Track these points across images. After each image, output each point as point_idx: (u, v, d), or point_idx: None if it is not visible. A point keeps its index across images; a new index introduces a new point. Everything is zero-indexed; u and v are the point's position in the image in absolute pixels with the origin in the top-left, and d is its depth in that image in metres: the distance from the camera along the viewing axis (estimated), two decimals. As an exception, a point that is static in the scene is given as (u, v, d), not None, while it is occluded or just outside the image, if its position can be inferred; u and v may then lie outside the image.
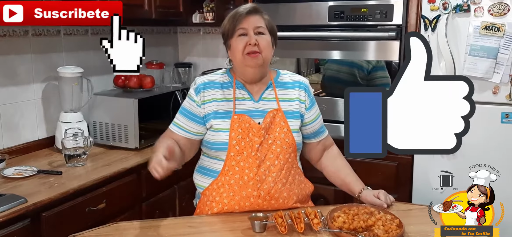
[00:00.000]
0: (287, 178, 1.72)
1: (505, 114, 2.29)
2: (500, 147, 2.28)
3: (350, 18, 2.64)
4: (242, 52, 1.68)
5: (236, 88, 1.76)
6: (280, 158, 1.70)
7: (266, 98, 1.76)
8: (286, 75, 1.85)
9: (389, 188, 2.58)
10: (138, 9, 2.77)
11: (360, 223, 1.51)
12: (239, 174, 1.67)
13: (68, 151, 2.23)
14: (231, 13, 1.73)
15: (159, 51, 3.46)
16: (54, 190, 1.92)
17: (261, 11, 1.73)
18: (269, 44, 1.72)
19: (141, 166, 2.36)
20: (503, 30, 2.22)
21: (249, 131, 1.69)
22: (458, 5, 2.31)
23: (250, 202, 1.67)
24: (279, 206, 1.69)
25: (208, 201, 1.73)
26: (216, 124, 1.71)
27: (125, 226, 1.62)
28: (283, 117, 1.74)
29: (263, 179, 1.67)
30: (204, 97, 1.73)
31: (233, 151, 1.68)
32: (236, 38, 1.70)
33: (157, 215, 2.36)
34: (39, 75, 2.52)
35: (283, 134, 1.72)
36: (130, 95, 2.60)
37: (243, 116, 1.70)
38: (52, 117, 2.58)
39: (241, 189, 1.67)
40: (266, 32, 1.71)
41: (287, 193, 1.71)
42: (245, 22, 1.69)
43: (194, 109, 1.74)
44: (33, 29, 2.46)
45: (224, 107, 1.73)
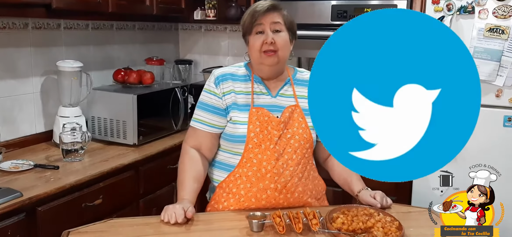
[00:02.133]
0: (303, 173, 1.73)
1: (508, 117, 2.27)
2: (502, 150, 2.26)
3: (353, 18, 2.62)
4: (259, 50, 1.69)
5: (254, 82, 1.77)
6: (298, 153, 1.71)
7: (284, 94, 1.78)
8: (303, 73, 1.86)
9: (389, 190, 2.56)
10: (139, 5, 2.76)
11: (359, 224, 1.49)
12: (257, 166, 1.68)
13: (66, 145, 2.21)
14: (250, 9, 1.73)
15: (160, 47, 3.45)
16: (50, 185, 1.90)
17: (280, 8, 1.73)
18: (287, 42, 1.72)
19: (139, 162, 2.35)
20: (507, 33, 2.20)
21: (268, 124, 1.70)
22: (463, 6, 2.29)
23: (266, 195, 1.68)
24: (294, 200, 1.70)
25: (225, 193, 1.73)
26: (235, 116, 1.72)
27: (121, 222, 1.60)
28: (301, 113, 1.75)
29: (281, 172, 1.68)
30: (223, 88, 1.74)
31: (251, 143, 1.69)
32: (253, 35, 1.71)
33: (155, 212, 2.33)
34: (38, 69, 2.50)
35: (301, 130, 1.73)
36: (130, 90, 2.59)
37: (262, 110, 1.72)
38: (50, 111, 2.56)
39: (259, 181, 1.68)
40: (283, 29, 1.71)
41: (302, 188, 1.72)
42: (263, 20, 1.69)
43: (215, 102, 1.74)
44: (33, 22, 2.44)
45: (242, 100, 1.74)
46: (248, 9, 1.74)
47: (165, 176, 2.55)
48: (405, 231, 1.49)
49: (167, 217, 1.55)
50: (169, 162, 2.56)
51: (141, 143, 2.53)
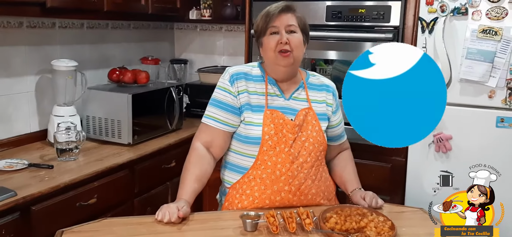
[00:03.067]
0: (316, 175, 1.75)
1: (501, 118, 2.28)
2: (495, 151, 2.27)
3: (347, 19, 2.63)
4: (274, 50, 1.70)
5: (268, 83, 1.77)
6: (312, 156, 1.73)
7: (297, 97, 1.79)
8: (315, 77, 1.88)
9: (382, 190, 2.58)
10: (134, 4, 2.76)
11: (352, 224, 1.51)
12: (271, 169, 1.69)
13: (60, 145, 2.21)
14: (264, 11, 1.74)
15: (155, 46, 3.44)
16: (44, 184, 1.90)
17: (294, 9, 1.74)
18: (301, 43, 1.73)
19: (134, 161, 2.35)
20: (500, 34, 2.22)
21: (282, 127, 1.71)
22: (456, 8, 2.31)
23: (281, 197, 1.69)
24: (307, 202, 1.72)
25: (238, 195, 1.74)
26: (248, 117, 1.72)
27: (115, 222, 1.60)
28: (315, 116, 1.77)
29: (295, 175, 1.69)
30: (238, 87, 1.74)
31: (265, 146, 1.69)
32: (268, 36, 1.71)
33: (149, 211, 2.33)
34: (33, 68, 2.49)
35: (315, 133, 1.75)
36: (124, 90, 2.58)
37: (276, 112, 1.72)
38: (45, 110, 2.56)
39: (273, 183, 1.69)
40: (298, 30, 1.72)
41: (315, 190, 1.74)
42: (277, 21, 1.70)
43: (230, 100, 1.74)
44: (28, 21, 2.44)
45: (255, 101, 1.74)
46: (261, 12, 1.75)
47: (159, 175, 2.55)
48: (397, 230, 1.50)
49: (161, 216, 1.55)
50: (163, 162, 2.56)
51: (136, 143, 2.53)
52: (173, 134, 2.78)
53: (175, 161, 2.58)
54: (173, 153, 2.62)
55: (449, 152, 2.39)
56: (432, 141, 2.41)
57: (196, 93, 3.20)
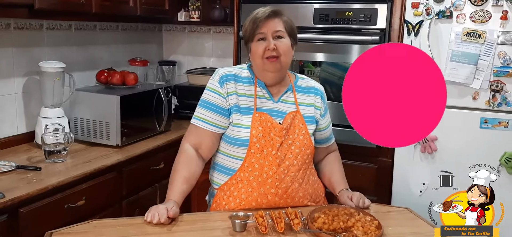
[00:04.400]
0: (303, 178, 1.76)
1: (484, 119, 2.33)
2: (479, 151, 2.32)
3: (335, 21, 2.66)
4: (262, 57, 1.71)
5: (258, 86, 1.78)
6: (299, 159, 1.74)
7: (286, 100, 1.80)
8: (303, 80, 1.89)
9: (369, 190, 2.61)
10: (122, 5, 2.75)
11: (340, 224, 1.52)
12: (259, 171, 1.70)
13: (48, 147, 2.20)
14: (251, 17, 1.75)
15: (144, 48, 3.44)
16: (32, 186, 1.89)
17: (281, 14, 1.74)
18: (288, 48, 1.74)
19: (122, 163, 2.35)
20: (484, 37, 2.26)
21: (270, 130, 1.72)
22: (441, 11, 2.35)
23: (267, 199, 1.70)
24: (294, 204, 1.73)
25: (225, 196, 1.75)
26: (237, 119, 1.73)
27: (104, 223, 1.60)
28: (302, 119, 1.78)
29: (282, 178, 1.70)
30: (227, 89, 1.75)
31: (253, 148, 1.70)
32: (255, 42, 1.72)
33: (137, 213, 2.34)
34: (20, 69, 2.48)
35: (302, 136, 1.76)
36: (113, 91, 2.58)
37: (264, 115, 1.73)
38: (32, 112, 2.54)
39: (260, 186, 1.70)
40: (285, 35, 1.73)
41: (302, 193, 1.75)
42: (264, 27, 1.70)
43: (220, 102, 1.75)
44: (15, 22, 2.42)
45: (244, 103, 1.75)
46: (249, 16, 1.75)
47: (148, 177, 2.55)
48: (384, 230, 1.53)
49: (150, 217, 1.56)
50: (152, 163, 2.56)
51: (124, 144, 2.52)
52: (161, 136, 2.78)
53: (163, 163, 2.58)
54: (162, 155, 2.62)
55: (434, 152, 2.43)
56: (418, 142, 2.45)
57: (185, 95, 3.20)
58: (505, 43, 2.25)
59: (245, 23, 1.77)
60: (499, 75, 2.28)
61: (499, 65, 2.27)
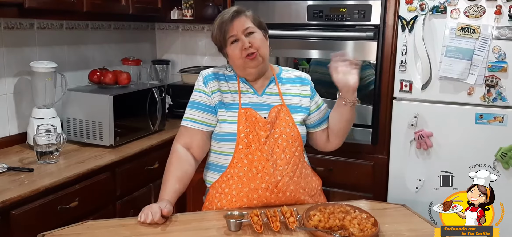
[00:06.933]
0: (295, 171, 1.75)
1: (479, 115, 2.32)
2: (474, 147, 2.31)
3: (329, 18, 2.65)
4: (240, 57, 1.72)
5: (241, 81, 1.80)
6: (286, 152, 1.74)
7: (270, 92, 1.82)
8: (288, 72, 1.91)
9: (365, 188, 2.61)
10: (114, 4, 2.73)
11: (336, 221, 1.52)
12: (248, 167, 1.71)
13: (40, 148, 2.17)
14: (217, 22, 1.77)
15: (136, 47, 3.41)
16: (24, 188, 1.87)
17: (243, 11, 1.76)
18: (263, 40, 1.77)
19: (116, 164, 2.33)
20: (478, 32, 2.25)
21: (255, 125, 1.73)
22: (435, 6, 2.34)
23: (258, 195, 1.70)
24: (286, 199, 1.73)
25: (217, 193, 1.76)
26: (222, 115, 1.76)
27: (97, 224, 1.58)
28: (288, 111, 1.79)
29: (271, 173, 1.70)
30: (211, 87, 1.78)
31: (241, 143, 1.71)
32: (230, 46, 1.75)
33: (131, 213, 2.31)
34: (11, 70, 2.45)
35: (289, 129, 1.76)
36: (105, 91, 2.55)
37: (249, 110, 1.75)
38: (24, 113, 2.51)
39: (250, 181, 1.70)
40: (255, 30, 1.75)
41: (294, 187, 1.74)
42: (233, 29, 1.72)
43: (206, 100, 1.78)
44: (5, 22, 2.39)
45: (229, 99, 1.78)
46: (214, 24, 1.77)
47: (142, 177, 2.53)
48: (380, 227, 1.52)
49: (144, 217, 1.55)
50: (146, 163, 2.54)
51: (118, 144, 2.50)
52: (155, 135, 2.76)
53: (158, 162, 2.56)
54: (156, 154, 2.60)
55: (430, 148, 2.42)
56: (414, 139, 2.44)
57: (179, 94, 3.18)
58: (499, 38, 2.24)
59: (212, 31, 1.79)
60: (494, 70, 2.27)
61: (494, 60, 2.26)
